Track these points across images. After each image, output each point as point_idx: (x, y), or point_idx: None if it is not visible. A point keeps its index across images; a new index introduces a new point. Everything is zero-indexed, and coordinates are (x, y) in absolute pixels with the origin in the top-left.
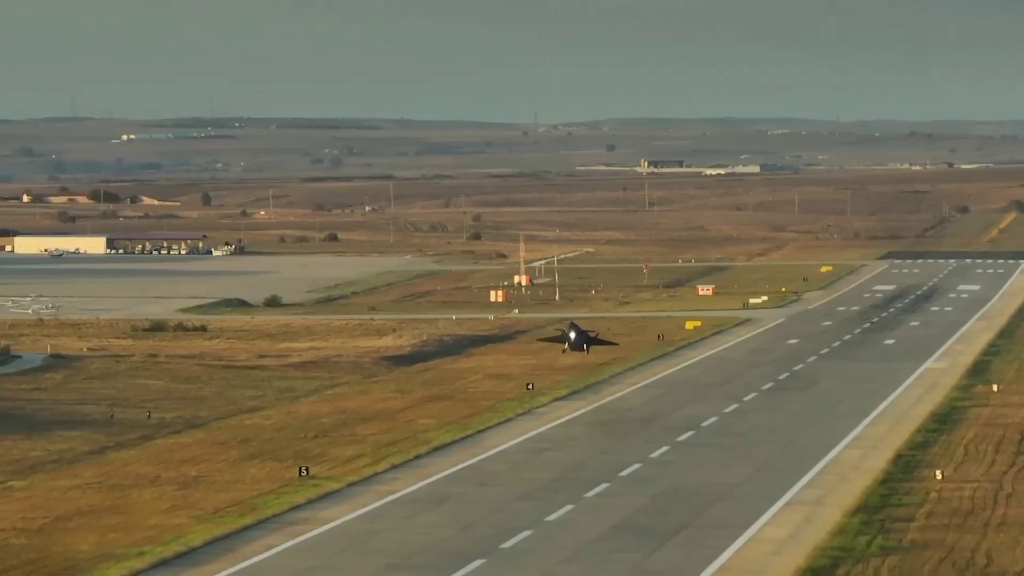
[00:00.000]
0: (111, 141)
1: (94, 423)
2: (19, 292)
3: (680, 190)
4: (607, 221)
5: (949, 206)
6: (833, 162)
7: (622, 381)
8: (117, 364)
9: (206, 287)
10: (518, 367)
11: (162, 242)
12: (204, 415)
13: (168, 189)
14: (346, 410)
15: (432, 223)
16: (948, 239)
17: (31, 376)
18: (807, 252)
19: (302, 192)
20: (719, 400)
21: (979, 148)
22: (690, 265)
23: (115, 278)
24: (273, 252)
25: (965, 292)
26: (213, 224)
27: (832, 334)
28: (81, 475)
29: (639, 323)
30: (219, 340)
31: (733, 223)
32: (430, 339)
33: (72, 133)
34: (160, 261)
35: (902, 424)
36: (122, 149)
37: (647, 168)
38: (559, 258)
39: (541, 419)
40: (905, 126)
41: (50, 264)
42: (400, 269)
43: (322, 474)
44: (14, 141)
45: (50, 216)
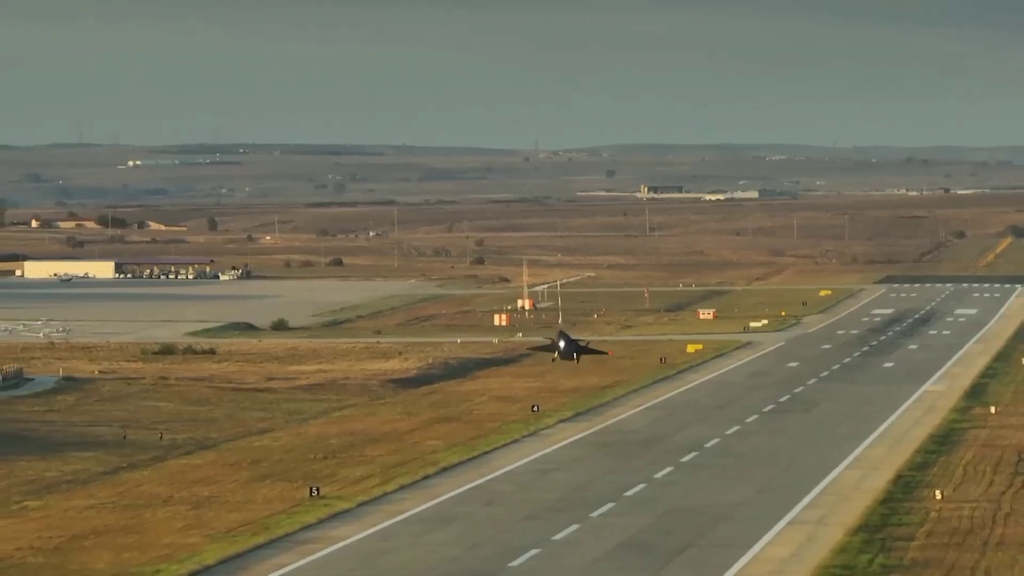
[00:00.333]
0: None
1: (107, 444)
2: (30, 316)
3: (680, 215)
4: (608, 246)
5: (946, 231)
6: (831, 188)
7: (625, 403)
8: (128, 386)
9: (214, 311)
10: (523, 389)
11: (170, 267)
12: (215, 436)
13: (174, 214)
14: (354, 432)
15: (435, 248)
16: (945, 263)
17: (44, 398)
18: (806, 276)
19: (306, 217)
20: (721, 422)
21: (975, 174)
22: (690, 289)
23: (124, 302)
24: (279, 277)
25: (962, 316)
26: (219, 249)
27: (832, 357)
28: (96, 495)
29: (641, 346)
30: (228, 363)
31: (732, 248)
32: (436, 362)
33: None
34: (168, 285)
35: (901, 445)
36: (128, 175)
37: (647, 194)
38: (562, 282)
39: (546, 440)
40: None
41: (59, 288)
42: (404, 293)
43: (332, 494)
44: (21, 167)
45: (58, 241)
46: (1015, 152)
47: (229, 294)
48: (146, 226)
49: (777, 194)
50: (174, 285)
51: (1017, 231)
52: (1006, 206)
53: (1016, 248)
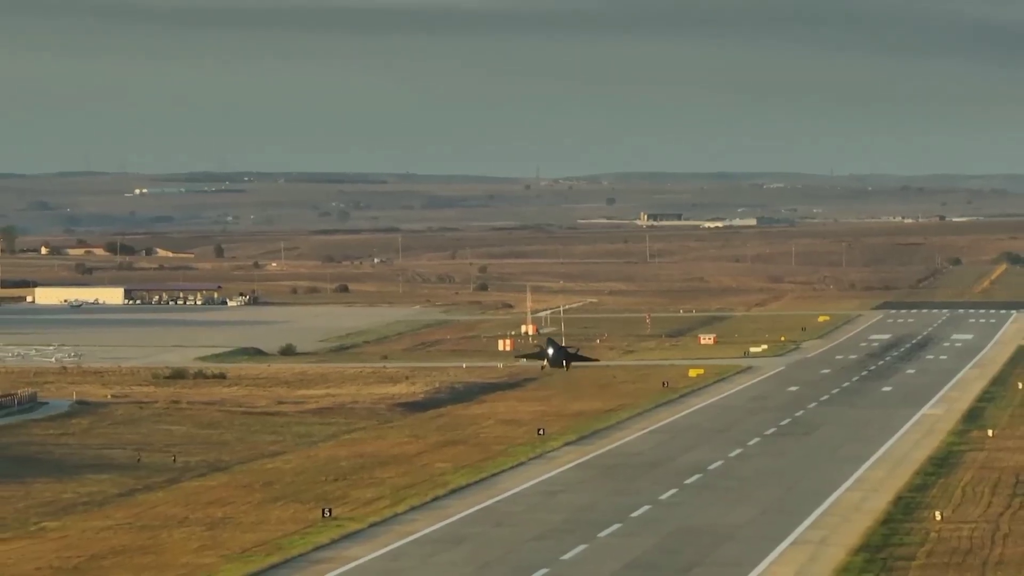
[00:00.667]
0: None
1: (121, 467)
2: (41, 341)
3: (680, 242)
4: (609, 272)
5: (941, 258)
6: (828, 215)
7: (629, 426)
8: (141, 410)
9: (222, 336)
10: (528, 413)
11: (178, 293)
12: (227, 459)
13: (181, 241)
14: (364, 454)
15: (439, 274)
16: (941, 290)
17: (58, 422)
18: (804, 302)
19: (311, 244)
20: (724, 445)
21: (969, 201)
22: (691, 315)
23: (134, 328)
24: (286, 303)
25: (959, 341)
26: (226, 275)
27: (831, 382)
28: (112, 516)
29: (643, 371)
30: (238, 387)
31: (732, 274)
32: (442, 386)
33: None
34: (177, 311)
35: (901, 467)
36: (135, 203)
37: (647, 221)
38: (564, 308)
39: (553, 463)
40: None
41: (70, 314)
42: (409, 319)
43: (344, 515)
44: (30, 195)
45: (68, 268)
46: (1009, 180)
47: (237, 320)
48: (154, 253)
49: (775, 221)
50: (183, 311)
51: (1012, 258)
52: (1001, 233)
53: (1011, 275)
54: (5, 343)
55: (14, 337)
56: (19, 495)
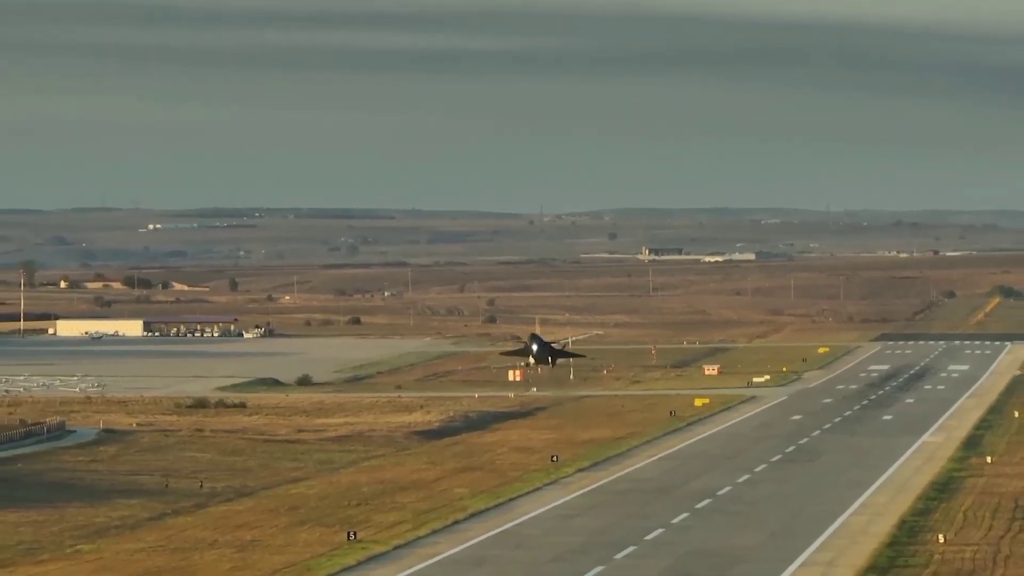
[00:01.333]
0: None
1: (150, 492)
2: (65, 372)
3: (681, 276)
4: (613, 305)
5: (936, 291)
6: (824, 250)
7: (639, 453)
8: (166, 438)
9: (240, 367)
10: (540, 441)
11: (196, 325)
12: (252, 485)
13: (196, 275)
14: (384, 480)
15: (448, 307)
16: (937, 322)
17: (87, 449)
18: (804, 334)
19: (322, 278)
20: (732, 471)
21: (962, 237)
22: (695, 346)
23: (153, 359)
24: (300, 335)
25: (955, 372)
26: (241, 308)
27: (833, 410)
28: (144, 539)
29: (651, 400)
30: (258, 416)
31: (733, 307)
32: (456, 415)
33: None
34: (195, 343)
35: (904, 493)
36: (149, 238)
37: (648, 256)
38: (573, 340)
39: (567, 488)
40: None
41: (91, 346)
42: (421, 351)
43: (368, 538)
44: (47, 230)
45: (87, 301)
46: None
47: (254, 351)
48: (170, 286)
49: (773, 256)
50: (200, 343)
51: (1005, 291)
52: (993, 267)
53: (1004, 307)
54: (30, 374)
55: (39, 368)
56: (53, 519)
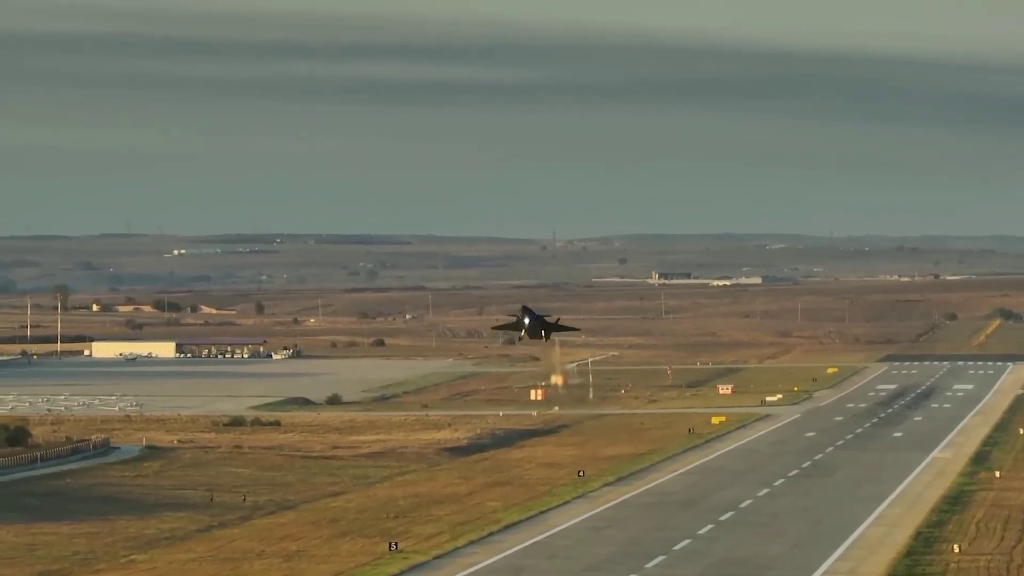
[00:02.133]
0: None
1: (195, 505)
2: (103, 392)
3: (691, 299)
4: (627, 328)
5: (938, 313)
6: (828, 274)
7: (662, 469)
8: (206, 454)
9: (271, 387)
10: (566, 457)
11: (226, 347)
12: (292, 498)
13: (221, 299)
14: (419, 494)
15: (468, 330)
16: (940, 343)
17: (132, 465)
18: (813, 355)
19: (344, 302)
20: (751, 485)
21: (961, 261)
22: (708, 367)
23: (186, 379)
24: (326, 356)
25: (960, 391)
26: (267, 331)
27: (845, 428)
28: (194, 549)
29: (669, 419)
30: (293, 433)
31: (742, 329)
32: (484, 432)
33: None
34: (225, 364)
35: (917, 506)
36: (174, 263)
37: (658, 280)
38: (592, 361)
39: (595, 501)
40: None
41: (125, 367)
42: (444, 371)
43: (409, 548)
44: (75, 255)
45: (119, 324)
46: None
47: (282, 372)
48: (198, 310)
49: (779, 280)
50: (231, 364)
51: (1005, 314)
52: (992, 291)
53: (1005, 329)
54: (70, 393)
55: (77, 388)
56: (105, 531)
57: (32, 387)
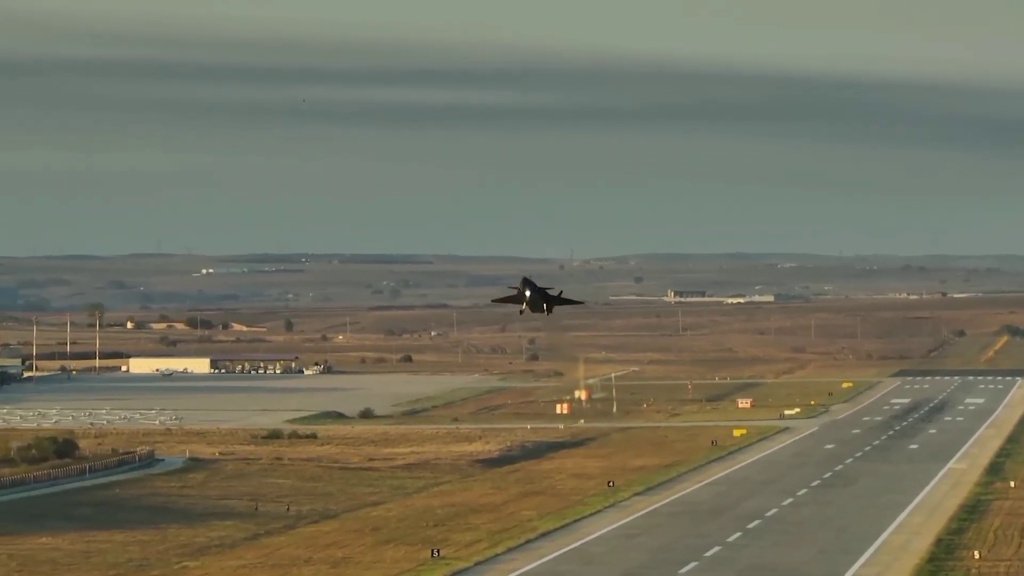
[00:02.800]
0: (192, 275)
1: (241, 514)
2: (142, 406)
3: (707, 317)
4: (646, 344)
5: (947, 330)
6: (838, 292)
7: (688, 479)
8: (248, 466)
9: (304, 401)
10: (594, 468)
11: (259, 363)
12: (334, 508)
13: (251, 317)
14: (455, 503)
15: (492, 346)
16: (950, 359)
17: (176, 476)
18: (827, 370)
19: (370, 319)
20: (775, 495)
21: (966, 279)
22: (726, 382)
23: (222, 394)
24: (356, 371)
25: (972, 404)
26: (297, 347)
27: (862, 440)
28: (244, 556)
29: (691, 431)
30: (330, 446)
31: (758, 345)
32: (514, 445)
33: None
34: (259, 379)
35: (937, 514)
36: (202, 282)
37: (674, 297)
38: (615, 376)
39: (626, 511)
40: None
41: (162, 382)
42: (471, 386)
43: (451, 555)
44: (106, 275)
45: (153, 340)
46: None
47: (315, 387)
48: (229, 327)
49: (791, 298)
50: (264, 379)
51: (1012, 330)
52: (999, 308)
53: (1013, 345)
54: (111, 408)
55: (117, 402)
56: (157, 539)
57: (73, 401)
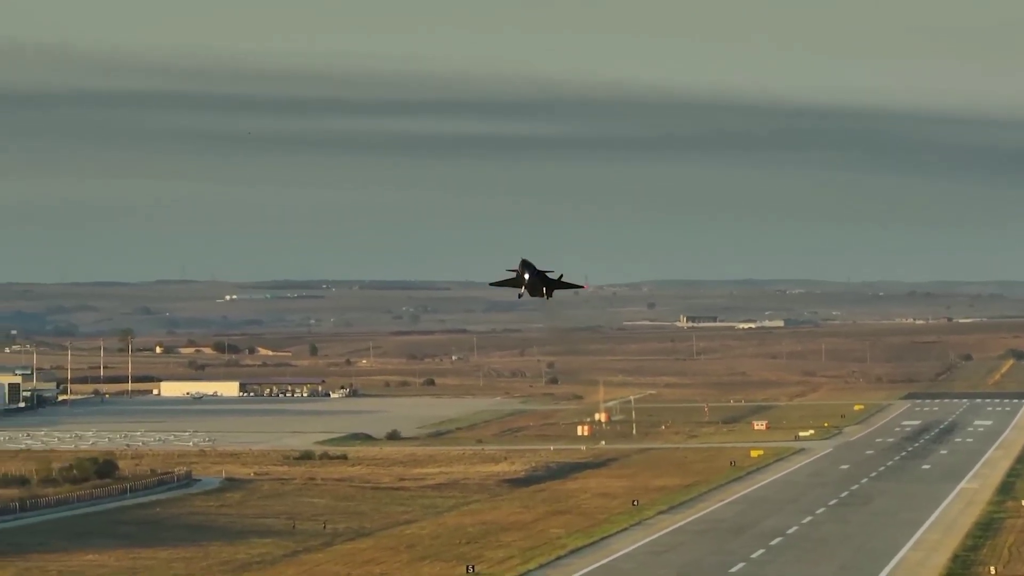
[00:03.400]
0: (216, 301)
1: (279, 532)
2: (175, 428)
3: (720, 341)
4: (661, 368)
5: (954, 354)
6: (846, 317)
7: (710, 498)
8: (283, 485)
9: (332, 423)
10: (618, 488)
11: (287, 386)
12: (369, 526)
13: (275, 342)
14: (486, 522)
15: (511, 370)
16: (958, 382)
17: (214, 495)
18: (839, 393)
19: (392, 344)
20: (795, 513)
21: (971, 305)
22: (741, 404)
23: (252, 416)
24: (381, 394)
25: (981, 426)
26: (322, 371)
27: (876, 461)
28: (284, 572)
29: (710, 452)
30: (361, 466)
31: (770, 369)
32: (538, 465)
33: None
34: (287, 402)
35: (952, 532)
36: (226, 308)
37: (687, 323)
38: (634, 398)
39: (651, 528)
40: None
41: (193, 405)
42: (493, 409)
43: (485, 572)
44: (133, 301)
45: (182, 365)
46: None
47: (341, 409)
48: (255, 351)
49: (800, 323)
50: (292, 402)
51: (1017, 354)
52: (1004, 332)
53: (1018, 369)
54: (146, 430)
55: (151, 424)
56: (199, 556)
57: (109, 424)
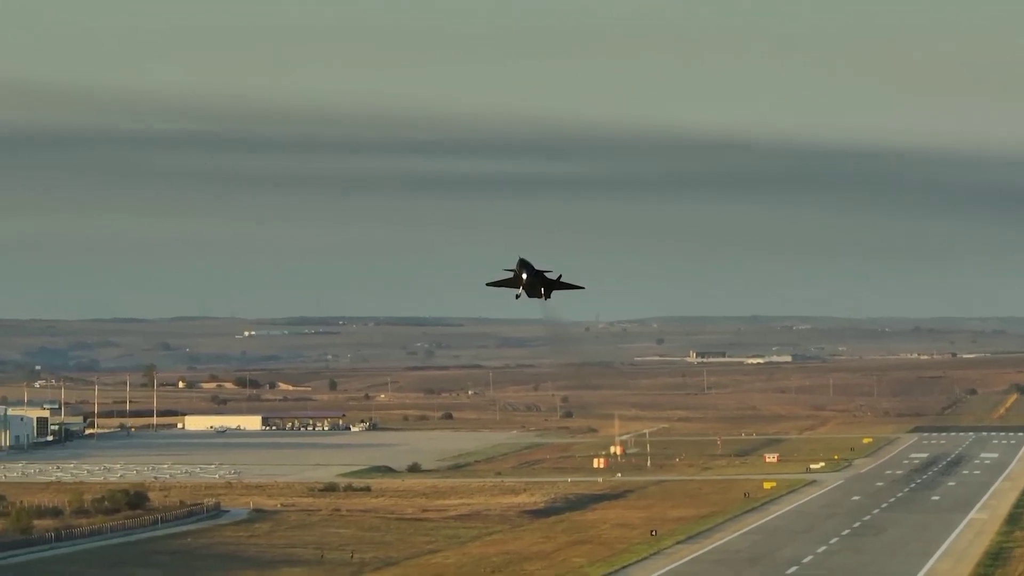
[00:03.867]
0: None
1: (308, 562)
2: (200, 461)
3: (730, 376)
4: (673, 402)
5: (960, 389)
6: (852, 352)
7: (726, 529)
8: (309, 516)
9: (354, 456)
10: (636, 518)
11: (308, 420)
12: (395, 556)
13: (296, 376)
14: (509, 552)
15: (527, 404)
16: (964, 416)
17: (243, 526)
18: (848, 427)
19: (408, 379)
20: (810, 543)
21: (974, 340)
22: (752, 438)
23: (275, 450)
24: (400, 428)
25: (987, 459)
26: (342, 406)
27: (887, 492)
28: None
29: (724, 484)
30: (384, 498)
31: (780, 403)
32: (557, 497)
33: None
34: (308, 436)
35: (963, 560)
36: (244, 344)
37: (696, 358)
38: (648, 432)
39: (670, 557)
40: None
41: (216, 439)
42: (510, 442)
43: None
44: (153, 337)
45: (204, 399)
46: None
47: (362, 443)
48: (276, 386)
49: (807, 358)
50: (313, 435)
51: (1021, 389)
52: (1007, 367)
53: (1022, 403)
54: (172, 462)
55: (177, 457)
56: None
57: (136, 456)
